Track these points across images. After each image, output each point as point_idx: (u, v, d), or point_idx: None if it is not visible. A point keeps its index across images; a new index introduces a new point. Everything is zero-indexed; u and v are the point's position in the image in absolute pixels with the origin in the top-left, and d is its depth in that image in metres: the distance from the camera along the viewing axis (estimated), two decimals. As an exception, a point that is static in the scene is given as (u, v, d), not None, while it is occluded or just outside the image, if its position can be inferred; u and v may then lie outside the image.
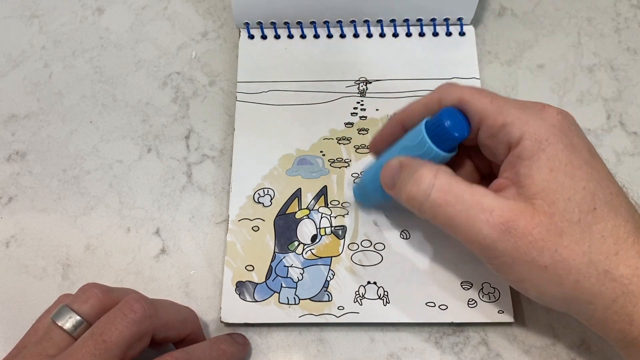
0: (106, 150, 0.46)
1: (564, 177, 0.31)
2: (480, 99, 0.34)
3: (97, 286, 0.34)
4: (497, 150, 0.34)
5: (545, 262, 0.31)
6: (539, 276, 0.31)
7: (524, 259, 0.31)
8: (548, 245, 0.30)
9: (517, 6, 0.51)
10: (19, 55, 0.49)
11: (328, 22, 0.48)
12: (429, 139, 0.34)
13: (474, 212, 0.31)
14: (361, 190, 0.41)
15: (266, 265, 0.40)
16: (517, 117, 0.32)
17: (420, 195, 0.32)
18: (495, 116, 0.33)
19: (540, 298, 0.33)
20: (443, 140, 0.34)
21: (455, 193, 0.32)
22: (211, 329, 0.40)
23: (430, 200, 0.32)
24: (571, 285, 0.31)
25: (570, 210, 0.31)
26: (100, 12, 0.51)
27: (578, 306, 0.32)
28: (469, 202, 0.31)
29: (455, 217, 0.32)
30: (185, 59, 0.49)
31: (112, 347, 0.30)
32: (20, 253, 0.42)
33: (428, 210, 0.33)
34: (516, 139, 0.32)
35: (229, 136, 0.46)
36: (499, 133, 0.33)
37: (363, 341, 0.39)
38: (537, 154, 0.32)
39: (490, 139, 0.34)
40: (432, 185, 0.32)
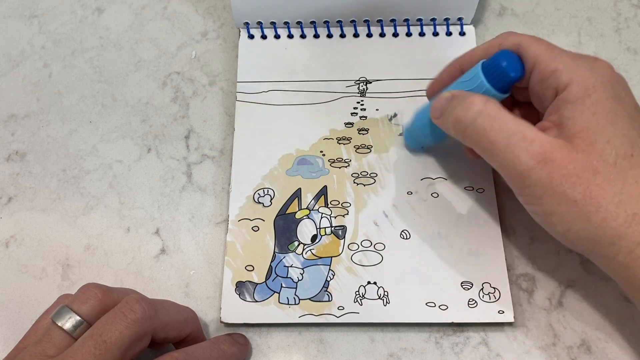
0: (106, 150, 0.45)
1: (605, 121, 0.32)
2: (537, 45, 0.35)
3: (97, 286, 0.33)
4: (544, 95, 0.35)
5: (575, 196, 0.32)
6: (567, 210, 0.32)
7: (555, 190, 0.32)
8: (581, 181, 0.31)
9: (518, 6, 0.51)
10: (18, 55, 0.49)
11: (328, 22, 0.48)
12: (483, 75, 0.35)
13: (515, 140, 0.32)
14: (410, 131, 0.43)
15: (266, 266, 0.40)
16: (568, 64, 0.34)
17: (467, 118, 0.34)
18: (548, 62, 0.34)
19: (565, 235, 0.33)
20: (498, 79, 0.35)
21: (500, 121, 0.33)
22: (211, 329, 0.40)
23: (476, 124, 0.34)
24: (598, 223, 0.31)
25: (608, 152, 0.32)
26: (100, 11, 0.51)
27: (601, 247, 0.32)
28: (512, 130, 0.33)
29: (497, 142, 0.33)
30: (185, 59, 0.49)
31: (112, 347, 0.30)
32: (20, 253, 0.42)
33: (472, 134, 0.34)
34: (564, 84, 0.34)
35: (229, 136, 0.46)
36: (549, 78, 0.34)
37: (363, 341, 0.39)
38: (582, 99, 0.33)
39: (539, 84, 0.35)
40: (481, 111, 0.34)
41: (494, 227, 0.41)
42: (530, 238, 0.42)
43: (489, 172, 0.43)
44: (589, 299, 0.40)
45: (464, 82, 0.37)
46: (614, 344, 0.39)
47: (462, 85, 0.37)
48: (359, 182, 0.43)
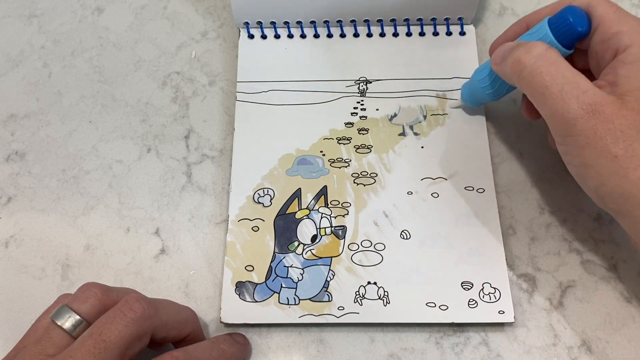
0: (105, 150, 0.45)
1: None
2: (606, 6, 0.35)
3: (96, 286, 0.33)
4: (603, 56, 0.35)
5: (617, 151, 0.32)
6: (605, 165, 0.32)
7: (598, 143, 0.32)
8: (625, 137, 0.32)
9: (518, 5, 0.51)
10: (18, 55, 0.49)
11: (328, 21, 0.48)
12: (549, 29, 0.36)
13: (568, 88, 0.33)
14: (469, 86, 0.43)
15: (266, 266, 0.40)
16: (633, 27, 0.34)
17: (527, 60, 0.34)
18: (613, 23, 0.35)
19: (597, 190, 0.34)
20: (563, 33, 0.36)
21: (558, 67, 0.34)
22: (211, 330, 0.40)
23: (534, 65, 0.34)
24: (634, 180, 0.32)
25: None
26: (99, 11, 0.51)
27: (631, 207, 0.32)
28: (568, 77, 0.33)
29: (551, 87, 0.33)
30: (185, 59, 0.49)
31: (111, 346, 0.30)
32: (20, 253, 0.42)
33: (528, 75, 0.35)
34: (624, 46, 0.34)
35: (229, 136, 0.45)
36: (611, 39, 0.35)
37: (363, 342, 0.39)
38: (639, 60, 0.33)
39: (601, 44, 0.35)
40: (541, 55, 0.34)
41: (494, 227, 0.41)
42: (530, 238, 0.42)
43: (489, 172, 0.43)
44: (590, 299, 0.40)
45: (529, 35, 0.37)
46: (615, 344, 0.39)
47: (526, 38, 0.37)
48: (359, 182, 0.43)
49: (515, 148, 0.45)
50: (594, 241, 0.41)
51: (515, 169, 0.44)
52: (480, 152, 0.43)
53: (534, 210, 0.42)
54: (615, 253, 0.41)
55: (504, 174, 0.44)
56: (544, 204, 0.43)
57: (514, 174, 0.44)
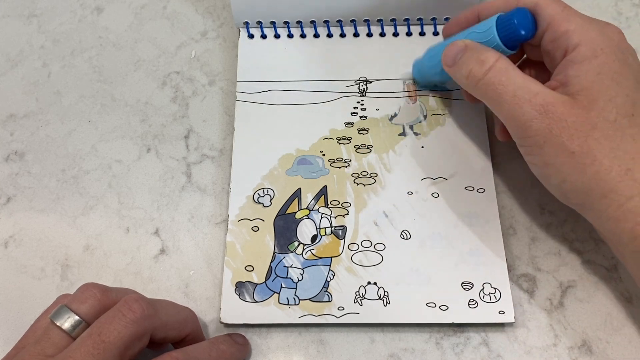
0: (105, 150, 0.45)
1: (609, 81, 0.34)
2: (554, 6, 0.36)
3: (95, 286, 0.33)
4: (555, 55, 0.37)
5: (573, 148, 0.33)
6: (564, 161, 0.34)
7: (554, 141, 0.34)
8: (579, 134, 0.33)
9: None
10: (17, 55, 0.49)
11: (328, 21, 0.48)
12: (496, 30, 0.37)
13: (520, 92, 0.35)
14: (420, 68, 0.44)
15: (266, 266, 0.40)
16: (581, 25, 0.35)
17: (480, 73, 0.36)
18: (561, 22, 0.36)
19: (560, 186, 0.35)
20: (509, 35, 0.37)
21: (509, 76, 0.35)
22: (211, 330, 0.40)
23: (487, 77, 0.36)
24: (592, 175, 0.33)
25: (609, 110, 0.33)
26: (99, 11, 0.51)
27: (593, 200, 0.34)
28: (519, 84, 0.35)
29: (504, 95, 0.35)
30: (185, 59, 0.49)
31: (110, 347, 0.30)
32: (19, 253, 0.42)
33: (482, 87, 0.36)
34: (573, 45, 0.35)
35: (229, 136, 0.45)
36: (561, 38, 0.36)
37: (363, 342, 0.39)
38: (588, 59, 0.34)
39: (551, 44, 0.36)
40: (493, 67, 0.36)
41: (494, 227, 0.41)
42: (530, 238, 0.42)
43: (490, 172, 0.43)
44: (590, 299, 0.40)
45: (478, 33, 0.38)
46: (615, 344, 0.39)
47: (475, 36, 0.39)
48: (359, 182, 0.43)
49: (515, 148, 0.44)
50: (595, 241, 0.41)
51: (516, 168, 0.44)
52: (480, 152, 0.43)
53: (535, 210, 0.42)
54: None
55: (504, 173, 0.44)
56: (544, 204, 0.42)
57: (515, 173, 0.44)
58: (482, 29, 0.38)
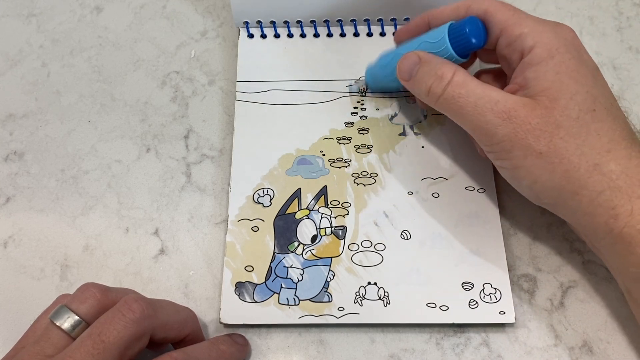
0: (105, 150, 0.45)
1: (568, 79, 0.34)
2: (504, 11, 0.37)
3: (95, 286, 0.33)
4: (511, 58, 0.37)
5: (540, 148, 0.34)
6: (533, 163, 0.34)
7: (521, 144, 0.34)
8: (544, 135, 0.34)
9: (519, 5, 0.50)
10: (16, 55, 0.49)
11: (328, 21, 0.48)
12: (448, 40, 0.37)
13: (481, 103, 0.35)
14: (373, 74, 0.44)
15: (266, 266, 0.40)
16: (533, 28, 0.36)
17: (439, 89, 0.36)
18: (514, 26, 0.36)
19: (532, 187, 0.35)
20: (460, 44, 0.37)
21: (468, 88, 0.36)
22: (210, 330, 0.40)
23: (447, 93, 0.36)
24: (561, 173, 0.34)
25: (571, 107, 0.34)
26: (98, 10, 0.51)
27: (565, 197, 0.34)
28: (479, 94, 0.35)
29: (466, 107, 0.35)
30: (185, 58, 0.49)
31: (110, 347, 0.30)
32: (18, 254, 0.42)
33: (443, 102, 0.37)
34: (529, 47, 0.35)
35: (229, 136, 0.45)
36: (515, 42, 0.36)
37: (363, 342, 0.39)
38: (545, 60, 0.35)
39: (506, 48, 0.37)
40: (450, 81, 0.36)
41: (495, 227, 0.41)
42: (531, 238, 0.42)
43: (490, 172, 0.43)
44: (591, 299, 0.40)
45: (430, 43, 0.39)
46: (616, 345, 0.39)
47: (427, 46, 0.39)
48: (359, 182, 0.43)
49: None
50: (595, 241, 0.41)
51: (516, 169, 0.44)
52: (480, 152, 0.43)
53: (535, 210, 0.42)
54: (616, 253, 0.41)
55: (504, 174, 0.44)
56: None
57: (515, 174, 0.43)
58: (434, 38, 0.39)
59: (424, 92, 0.38)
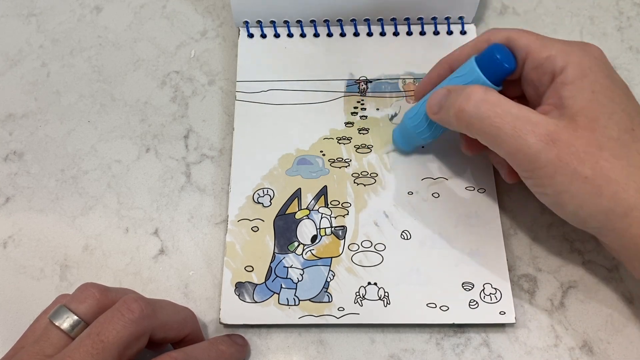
0: (104, 150, 0.45)
1: (604, 98, 0.33)
2: (526, 36, 0.36)
3: (94, 286, 0.33)
4: (541, 81, 0.36)
5: (586, 172, 0.32)
6: (578, 187, 0.32)
7: (566, 169, 0.32)
8: (589, 157, 0.32)
9: (519, 5, 0.50)
10: (16, 54, 0.49)
11: (328, 20, 0.48)
12: (479, 69, 0.36)
13: (520, 124, 0.33)
14: (402, 130, 0.42)
15: (266, 266, 0.40)
16: (561, 49, 0.35)
17: (470, 107, 0.34)
18: (540, 49, 0.35)
19: (576, 213, 0.34)
20: (492, 72, 0.36)
21: (503, 106, 0.33)
22: (210, 330, 0.39)
23: (480, 112, 0.34)
24: (610, 196, 0.32)
25: (611, 127, 0.33)
26: (98, 10, 0.51)
27: (614, 221, 0.33)
28: (516, 114, 0.33)
29: (503, 127, 0.33)
30: (184, 58, 0.49)
31: (109, 346, 0.30)
32: (18, 254, 0.42)
33: (476, 123, 0.34)
34: (560, 68, 0.35)
35: (228, 136, 0.45)
36: (544, 64, 0.35)
37: (363, 342, 0.39)
38: (580, 79, 0.34)
39: (534, 71, 0.36)
40: (483, 99, 0.34)
41: (495, 227, 0.41)
42: (531, 238, 0.42)
43: (490, 172, 0.43)
44: (591, 299, 0.40)
45: (458, 78, 0.37)
46: (616, 345, 0.38)
47: (456, 81, 0.37)
48: (359, 182, 0.43)
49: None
50: (596, 241, 0.41)
51: (516, 168, 0.44)
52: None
53: (535, 210, 0.42)
54: (617, 253, 0.41)
55: (505, 173, 0.43)
56: (545, 204, 0.42)
57: (515, 173, 0.43)
58: (462, 72, 0.37)
59: (454, 114, 0.35)
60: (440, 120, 0.37)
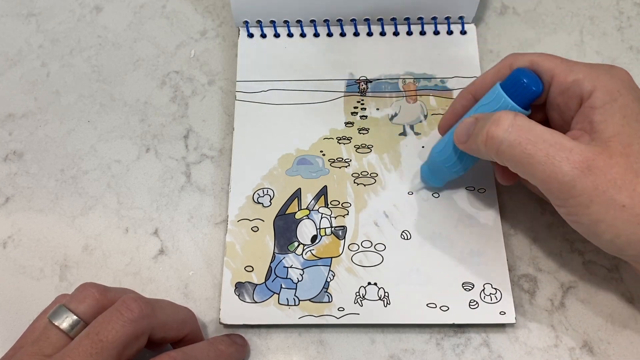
0: (104, 150, 0.45)
1: (636, 123, 0.32)
2: (550, 59, 0.35)
3: (94, 286, 0.33)
4: (567, 105, 0.35)
5: (623, 201, 0.31)
6: (616, 216, 0.31)
7: (602, 197, 0.31)
8: (626, 185, 0.31)
9: (519, 4, 0.50)
10: (16, 54, 0.49)
11: (328, 20, 0.48)
12: (505, 94, 0.35)
13: (553, 151, 0.32)
14: (430, 165, 0.41)
15: (266, 266, 0.40)
16: (588, 73, 0.34)
17: (500, 133, 0.33)
18: (566, 74, 0.34)
19: (613, 242, 0.32)
20: (520, 96, 0.35)
21: (535, 132, 0.32)
22: (210, 331, 0.39)
23: (510, 138, 0.33)
24: None
25: None
26: (98, 10, 0.51)
27: None
28: (549, 141, 0.32)
29: (536, 154, 0.32)
30: (184, 58, 0.49)
31: (108, 346, 0.30)
32: (18, 254, 0.42)
33: (507, 150, 0.33)
34: (588, 92, 0.33)
35: (228, 136, 0.45)
36: (570, 89, 0.34)
37: (363, 343, 0.39)
38: (609, 103, 0.33)
39: (560, 96, 0.35)
40: (513, 125, 0.33)
41: (495, 227, 0.41)
42: (531, 239, 0.41)
43: (490, 172, 0.42)
44: (591, 300, 0.40)
45: (484, 106, 0.36)
46: (617, 345, 0.38)
47: (482, 109, 0.36)
48: (360, 182, 0.42)
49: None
50: (596, 241, 0.41)
51: (517, 168, 0.43)
52: (481, 152, 0.43)
53: (536, 210, 0.42)
54: (617, 253, 0.41)
55: (505, 173, 0.43)
56: (545, 204, 0.42)
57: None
58: (488, 99, 0.36)
59: (482, 142, 0.34)
60: (469, 150, 0.36)
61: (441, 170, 0.40)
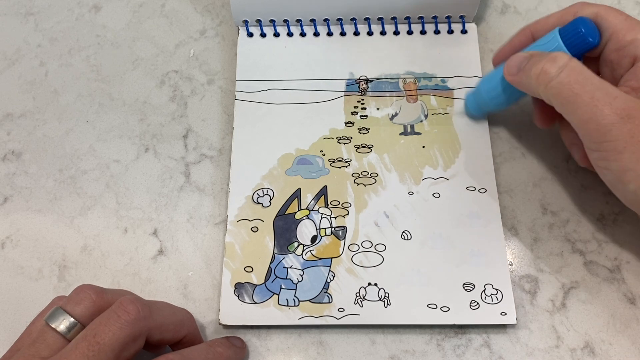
0: (103, 150, 0.45)
1: None
2: (616, 15, 0.36)
3: (91, 287, 0.33)
4: (620, 63, 0.36)
5: None
6: None
7: (636, 147, 0.32)
8: None
9: (520, 3, 0.50)
10: (14, 54, 0.49)
11: (328, 19, 0.47)
12: (561, 40, 0.36)
13: (599, 94, 0.33)
14: (475, 96, 0.43)
15: (265, 267, 0.40)
16: None
17: (554, 70, 0.34)
18: (626, 31, 0.36)
19: (636, 193, 0.33)
20: (575, 44, 0.36)
21: (585, 75, 0.34)
22: (209, 331, 0.39)
23: (562, 76, 0.34)
24: None
25: None
26: (96, 9, 0.51)
27: None
28: (596, 84, 0.33)
29: (581, 95, 0.33)
30: (183, 57, 0.48)
31: (105, 348, 0.30)
32: (16, 254, 0.42)
33: (556, 86, 0.34)
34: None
35: (228, 135, 0.45)
36: (627, 47, 0.35)
37: (363, 343, 0.39)
38: None
39: (615, 52, 0.36)
40: (567, 65, 0.34)
41: (496, 227, 0.41)
42: (532, 239, 0.41)
43: (491, 172, 0.42)
44: (593, 300, 0.40)
45: (539, 46, 0.37)
46: (618, 346, 0.38)
47: (538, 48, 0.37)
48: (360, 182, 0.42)
49: (517, 148, 0.44)
50: (597, 242, 0.41)
51: (518, 169, 0.43)
52: (482, 152, 0.43)
53: (537, 210, 0.42)
54: (618, 254, 0.41)
55: (506, 173, 0.43)
56: (546, 204, 0.42)
57: (516, 174, 0.43)
58: (544, 41, 0.37)
59: (534, 75, 0.35)
60: (516, 83, 0.38)
61: (484, 101, 0.42)
